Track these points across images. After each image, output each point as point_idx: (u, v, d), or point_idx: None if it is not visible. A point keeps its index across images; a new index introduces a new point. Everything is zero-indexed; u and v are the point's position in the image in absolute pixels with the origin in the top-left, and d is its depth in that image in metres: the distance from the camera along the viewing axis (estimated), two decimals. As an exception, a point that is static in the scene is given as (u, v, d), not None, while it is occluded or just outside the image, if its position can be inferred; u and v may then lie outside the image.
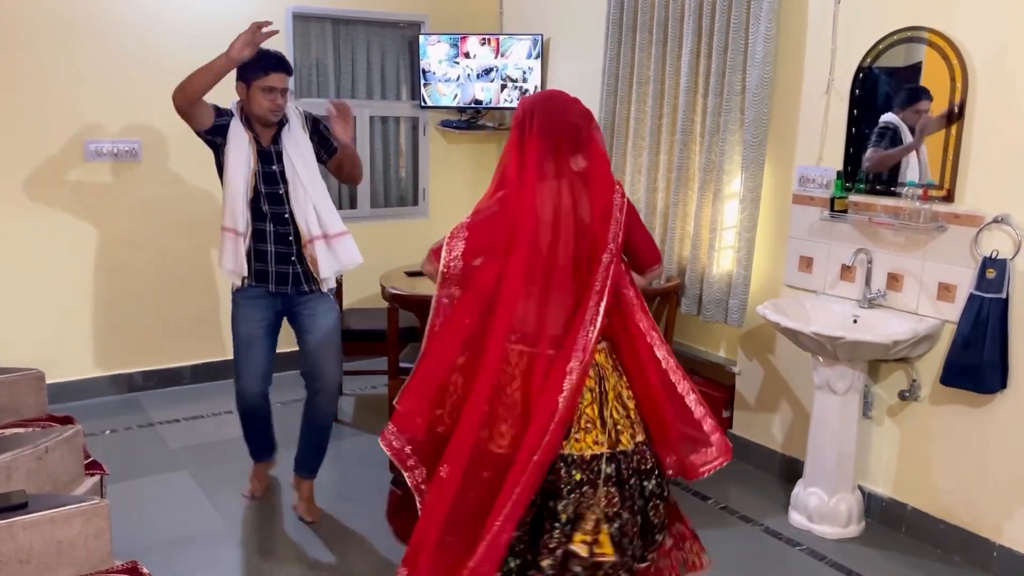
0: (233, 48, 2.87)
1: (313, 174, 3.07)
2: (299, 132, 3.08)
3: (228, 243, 3.05)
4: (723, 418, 3.96)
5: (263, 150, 3.02)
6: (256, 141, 3.02)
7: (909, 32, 3.07)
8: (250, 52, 2.89)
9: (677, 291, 3.95)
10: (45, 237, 4.23)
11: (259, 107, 2.96)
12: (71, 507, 1.99)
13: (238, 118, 3.03)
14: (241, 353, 3.19)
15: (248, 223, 3.04)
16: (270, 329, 3.20)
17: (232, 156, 2.99)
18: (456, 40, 4.99)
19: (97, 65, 4.22)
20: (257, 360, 3.19)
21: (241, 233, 3.02)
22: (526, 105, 2.41)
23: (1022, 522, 2.92)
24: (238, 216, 3.01)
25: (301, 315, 3.17)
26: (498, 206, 2.36)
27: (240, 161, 2.99)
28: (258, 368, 3.20)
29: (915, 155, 3.14)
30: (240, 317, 3.16)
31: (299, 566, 2.98)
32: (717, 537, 3.23)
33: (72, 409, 3.84)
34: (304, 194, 3.02)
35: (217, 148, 3.06)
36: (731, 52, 3.63)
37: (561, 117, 2.38)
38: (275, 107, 2.96)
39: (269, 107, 2.95)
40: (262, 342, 3.18)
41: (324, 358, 3.18)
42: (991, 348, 2.85)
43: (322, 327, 3.16)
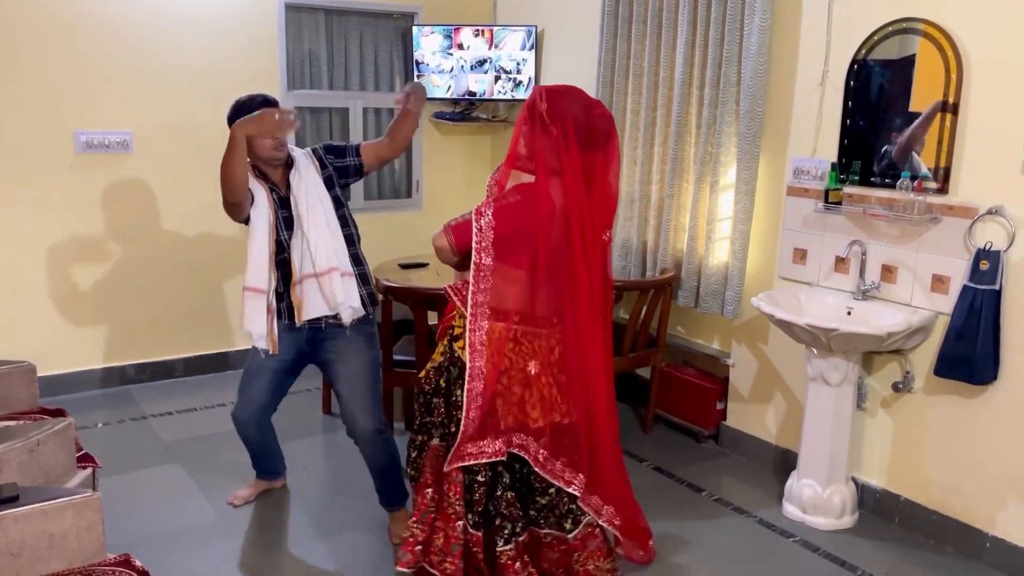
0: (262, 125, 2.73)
1: (318, 213, 2.90)
2: (307, 171, 2.94)
3: (253, 304, 2.86)
4: (717, 410, 3.97)
5: (283, 197, 2.91)
6: (274, 189, 2.91)
7: (904, 23, 3.07)
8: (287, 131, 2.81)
9: (671, 283, 3.95)
10: (36, 228, 4.20)
11: (263, 150, 2.84)
12: (63, 500, 1.99)
13: (251, 173, 2.89)
14: (245, 379, 3.11)
15: (273, 281, 2.89)
16: (286, 365, 3.05)
17: (255, 214, 2.86)
18: (450, 31, 4.97)
19: (89, 56, 4.19)
20: (256, 391, 3.08)
21: (265, 291, 2.86)
22: (550, 97, 2.41)
23: (1015, 513, 2.93)
24: (263, 275, 2.85)
25: (327, 359, 3.01)
26: (522, 195, 2.43)
27: (262, 218, 2.86)
28: (254, 399, 3.10)
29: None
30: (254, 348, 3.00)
31: (293, 558, 2.98)
32: (711, 529, 3.24)
33: (64, 402, 3.83)
34: (303, 235, 2.87)
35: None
36: (726, 43, 3.62)
37: (590, 116, 2.44)
38: (278, 145, 2.85)
39: (272, 145, 2.84)
40: (269, 376, 3.06)
41: (354, 404, 2.96)
42: (984, 340, 2.85)
43: (350, 372, 2.97)
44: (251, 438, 3.23)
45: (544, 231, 2.41)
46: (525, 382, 2.49)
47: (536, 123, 2.40)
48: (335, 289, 2.88)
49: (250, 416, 3.15)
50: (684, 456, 3.89)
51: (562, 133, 2.38)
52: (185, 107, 4.46)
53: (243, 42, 4.58)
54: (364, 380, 2.98)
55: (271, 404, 3.16)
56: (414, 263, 4.29)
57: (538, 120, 2.39)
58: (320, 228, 2.89)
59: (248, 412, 3.14)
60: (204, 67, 4.47)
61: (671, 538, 3.15)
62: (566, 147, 2.38)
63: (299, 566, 2.93)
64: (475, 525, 2.55)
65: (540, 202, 2.40)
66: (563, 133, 2.38)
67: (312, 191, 2.92)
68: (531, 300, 2.47)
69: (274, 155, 2.87)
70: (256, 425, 3.18)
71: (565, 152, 2.39)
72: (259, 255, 2.86)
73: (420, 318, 3.54)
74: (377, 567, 2.92)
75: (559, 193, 2.43)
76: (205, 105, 4.50)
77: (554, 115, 2.38)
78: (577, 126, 2.39)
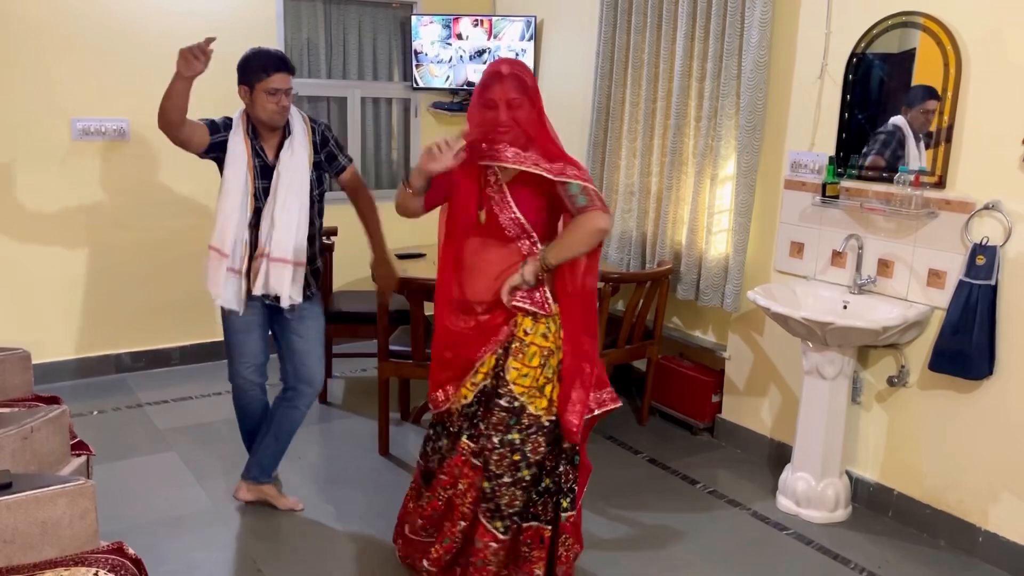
0: (178, 66, 2.69)
1: (292, 201, 2.89)
2: (300, 145, 2.91)
3: (212, 264, 2.90)
4: (713, 403, 3.97)
5: (265, 164, 2.89)
6: (260, 154, 2.89)
7: (904, 17, 3.06)
8: (202, 67, 2.69)
9: (668, 275, 3.94)
10: (32, 215, 4.19)
11: (263, 111, 2.82)
12: (56, 487, 1.98)
13: (241, 129, 2.88)
14: (237, 340, 3.05)
15: (242, 245, 2.89)
16: (264, 320, 3.06)
17: (229, 174, 2.85)
18: (449, 21, 4.95)
19: (86, 42, 4.17)
20: (255, 346, 3.06)
21: (228, 254, 2.87)
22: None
23: (1007, 507, 2.94)
24: (226, 238, 2.86)
25: (286, 318, 3.03)
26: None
27: (237, 181, 2.85)
28: (257, 353, 3.08)
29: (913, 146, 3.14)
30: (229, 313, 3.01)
31: (287, 546, 2.98)
32: (705, 521, 3.24)
33: (59, 389, 3.83)
34: (272, 216, 2.87)
35: (220, 164, 2.91)
36: (727, 36, 3.61)
37: None
38: (280, 109, 2.82)
39: (274, 109, 2.81)
40: (259, 332, 3.06)
41: (311, 359, 3.08)
42: (980, 334, 2.86)
43: (307, 330, 3.06)
44: (257, 410, 3.17)
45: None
46: None
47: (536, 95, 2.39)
48: (283, 280, 2.89)
49: (254, 372, 3.10)
50: (679, 448, 3.90)
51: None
52: (182, 95, 4.44)
53: (242, 30, 4.55)
54: (320, 340, 3.12)
55: (266, 362, 3.15)
56: (411, 253, 4.28)
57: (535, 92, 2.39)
58: (289, 216, 2.88)
59: (253, 368, 3.09)
60: (201, 55, 4.45)
61: (665, 529, 3.16)
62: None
63: (294, 555, 2.93)
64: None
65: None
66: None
67: (297, 174, 2.89)
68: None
69: (275, 119, 2.84)
70: (261, 386, 3.14)
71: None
72: (227, 218, 2.86)
73: (416, 309, 3.53)
74: (372, 555, 2.93)
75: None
76: (201, 92, 4.43)
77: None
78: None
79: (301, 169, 2.91)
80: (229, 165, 2.86)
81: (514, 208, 2.39)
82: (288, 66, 2.84)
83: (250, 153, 2.87)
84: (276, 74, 2.80)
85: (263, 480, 3.20)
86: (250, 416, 3.21)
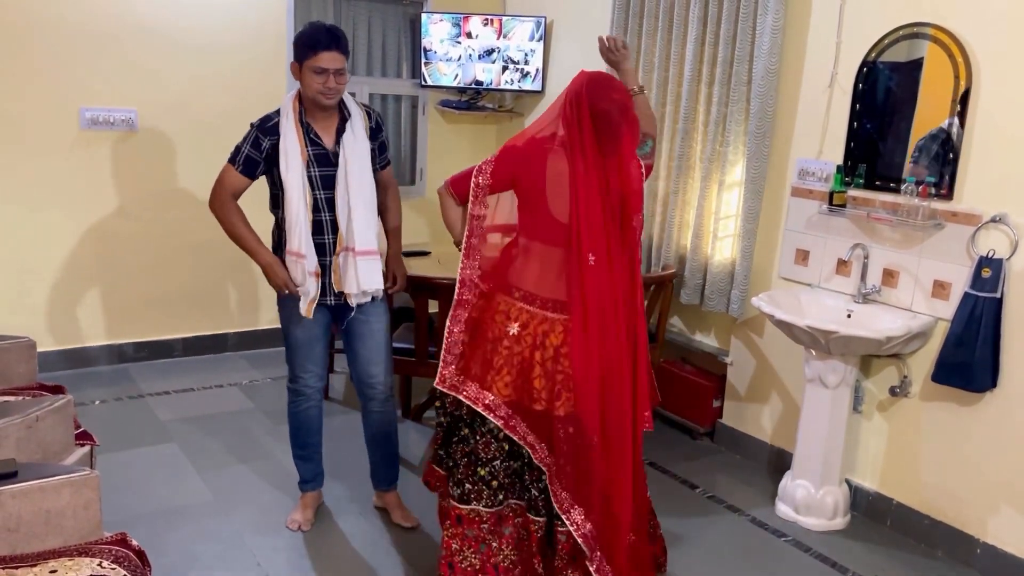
0: (268, 276, 2.83)
1: (365, 186, 2.80)
2: (361, 132, 2.81)
3: (292, 268, 2.78)
4: (713, 408, 3.97)
5: (321, 152, 2.76)
6: (315, 142, 2.75)
7: (914, 28, 3.06)
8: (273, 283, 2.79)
9: (672, 279, 3.95)
10: (38, 205, 4.19)
11: (309, 88, 2.67)
12: (61, 477, 1.99)
13: (292, 117, 2.73)
14: (302, 351, 2.94)
15: (311, 242, 2.78)
16: (326, 328, 2.97)
17: (287, 176, 2.71)
18: (459, 20, 4.96)
19: (95, 33, 4.17)
20: (320, 357, 2.98)
21: (306, 255, 2.75)
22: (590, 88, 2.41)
23: (1006, 520, 2.94)
24: (303, 239, 2.74)
25: (353, 319, 2.92)
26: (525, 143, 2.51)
27: (295, 179, 2.71)
28: (320, 364, 2.99)
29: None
30: (293, 319, 2.88)
31: (288, 539, 2.99)
32: (704, 526, 3.25)
33: (62, 378, 3.84)
34: (348, 206, 2.77)
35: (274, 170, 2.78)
36: (738, 42, 3.61)
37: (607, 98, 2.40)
38: (326, 89, 2.66)
39: (318, 89, 2.66)
40: (323, 341, 2.97)
41: (377, 365, 2.97)
42: (984, 347, 2.86)
43: (373, 332, 2.93)
44: (315, 417, 3.05)
45: (540, 184, 2.38)
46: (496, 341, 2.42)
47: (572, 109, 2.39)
48: (374, 273, 2.83)
49: (318, 381, 3.00)
50: (679, 453, 3.90)
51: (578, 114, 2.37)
52: (191, 87, 4.45)
53: (251, 23, 4.56)
54: (387, 342, 2.99)
55: (326, 370, 3.06)
56: (416, 251, 4.29)
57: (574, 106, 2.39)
58: (365, 204, 2.80)
59: (317, 377, 2.99)
60: (211, 47, 4.46)
61: (664, 534, 3.16)
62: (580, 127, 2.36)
63: (295, 548, 2.94)
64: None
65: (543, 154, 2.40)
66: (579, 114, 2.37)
67: (364, 160, 2.79)
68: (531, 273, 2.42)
69: (319, 100, 2.69)
70: (320, 394, 3.05)
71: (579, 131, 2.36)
72: (296, 220, 2.73)
73: (421, 306, 3.54)
74: (373, 550, 2.93)
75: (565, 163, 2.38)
76: (211, 85, 4.49)
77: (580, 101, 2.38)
78: (593, 109, 2.36)
79: (364, 154, 2.80)
80: (285, 165, 2.71)
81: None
82: (339, 44, 2.67)
83: (303, 143, 2.73)
84: (324, 52, 2.63)
85: (382, 488, 3.18)
86: (306, 426, 3.06)
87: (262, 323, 4.90)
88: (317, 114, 2.76)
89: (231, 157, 2.77)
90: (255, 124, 2.77)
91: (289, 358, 2.99)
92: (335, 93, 2.70)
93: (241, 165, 2.75)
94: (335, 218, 2.79)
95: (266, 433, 3.83)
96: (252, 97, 4.61)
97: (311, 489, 3.16)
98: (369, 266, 2.82)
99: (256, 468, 3.50)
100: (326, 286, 2.84)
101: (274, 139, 2.73)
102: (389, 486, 3.16)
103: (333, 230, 2.81)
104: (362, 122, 2.83)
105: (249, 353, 4.86)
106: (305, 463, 3.12)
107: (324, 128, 2.77)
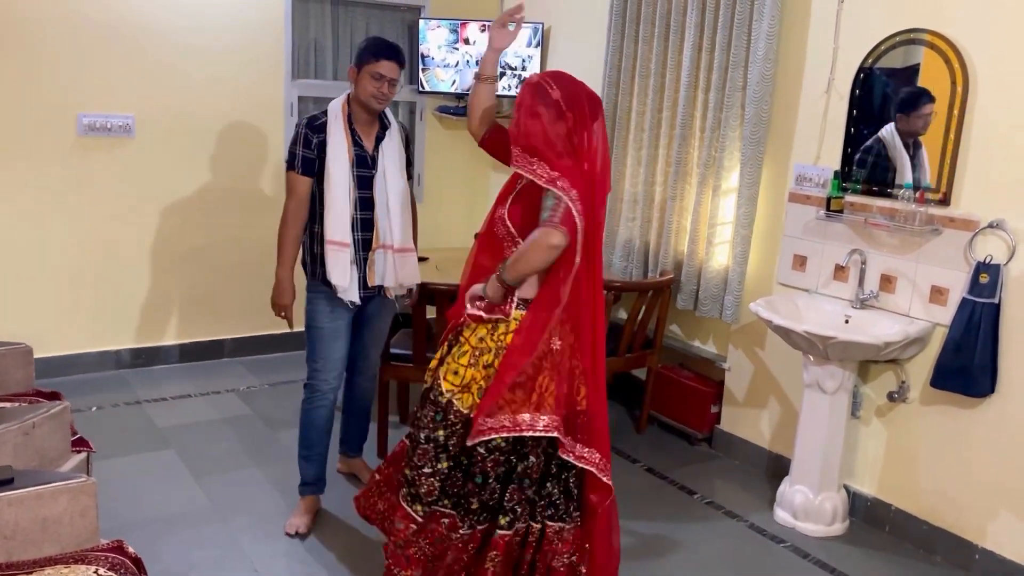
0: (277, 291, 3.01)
1: (400, 188, 3.01)
2: (397, 140, 3.04)
3: (338, 257, 2.91)
4: (712, 413, 3.97)
5: (362, 155, 2.95)
6: (359, 144, 2.94)
7: (911, 34, 3.07)
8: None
9: (670, 285, 3.95)
10: (35, 210, 4.18)
11: (363, 91, 2.89)
12: (58, 484, 1.98)
13: (341, 118, 2.92)
14: (323, 345, 3.03)
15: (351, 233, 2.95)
16: (351, 324, 3.09)
17: (333, 168, 2.88)
18: (456, 26, 4.96)
19: (93, 38, 4.17)
20: (341, 352, 3.07)
21: (349, 244, 2.92)
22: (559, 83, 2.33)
23: (1005, 525, 2.94)
24: (346, 229, 2.91)
25: (368, 313, 3.14)
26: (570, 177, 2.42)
27: (342, 173, 2.89)
28: (341, 360, 3.08)
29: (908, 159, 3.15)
30: (323, 311, 3.01)
31: (286, 546, 2.98)
32: (702, 532, 3.24)
33: (59, 385, 3.81)
34: (387, 205, 2.98)
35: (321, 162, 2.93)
36: (734, 48, 3.62)
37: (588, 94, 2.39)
38: (379, 94, 2.88)
39: (372, 92, 2.87)
40: (345, 336, 3.07)
41: (375, 350, 3.30)
42: (982, 352, 2.86)
43: (380, 326, 3.23)
44: (325, 417, 3.11)
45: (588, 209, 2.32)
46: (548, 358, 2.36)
47: (552, 111, 2.28)
48: (413, 269, 3.07)
49: (337, 380, 3.09)
50: (677, 458, 3.90)
51: (579, 118, 2.29)
52: (188, 93, 4.44)
53: (249, 29, 4.57)
54: (385, 332, 3.33)
55: (344, 372, 3.16)
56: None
57: (554, 108, 2.28)
58: (402, 203, 3.01)
59: (336, 375, 3.08)
60: (209, 52, 4.46)
61: (662, 540, 3.16)
62: (585, 130, 2.30)
63: (293, 554, 2.93)
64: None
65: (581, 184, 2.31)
66: (579, 117, 2.29)
67: (399, 164, 3.02)
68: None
69: (371, 103, 2.90)
70: (335, 395, 3.13)
71: (587, 134, 2.30)
72: (341, 211, 2.90)
73: (419, 312, 3.54)
74: (369, 555, 2.93)
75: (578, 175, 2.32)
76: (208, 91, 4.49)
77: (570, 101, 2.29)
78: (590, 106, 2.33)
79: (401, 160, 3.03)
80: (332, 158, 2.89)
81: (506, 208, 2.39)
82: (398, 57, 2.92)
83: (350, 142, 2.93)
84: (384, 61, 2.87)
85: (353, 453, 3.46)
86: (317, 426, 3.12)
87: (259, 329, 4.89)
88: (362, 119, 2.96)
89: (289, 164, 2.93)
90: (303, 123, 2.93)
91: (311, 354, 3.08)
92: (386, 100, 2.92)
93: (300, 168, 2.91)
94: (369, 218, 2.98)
95: (264, 439, 3.82)
96: (250, 103, 4.62)
97: (311, 493, 3.17)
98: (408, 262, 3.06)
99: (254, 474, 3.49)
100: (360, 281, 3.00)
101: (322, 136, 2.90)
102: (358, 451, 3.45)
103: (364, 228, 2.98)
104: (398, 133, 3.07)
105: (247, 359, 4.85)
106: (309, 464, 3.15)
107: (366, 133, 2.98)
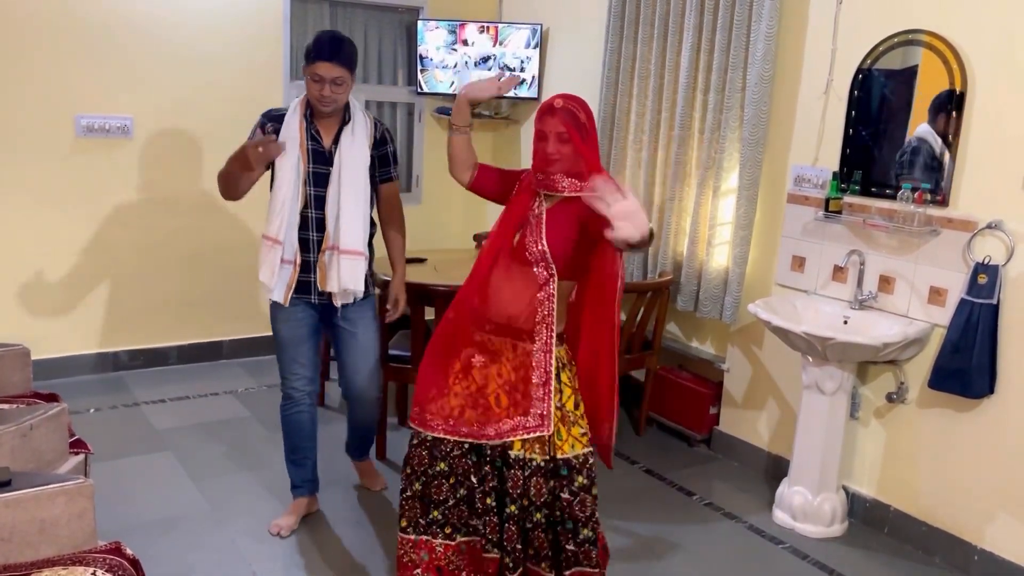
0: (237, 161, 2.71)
1: (358, 188, 2.85)
2: (361, 136, 2.87)
3: (268, 254, 2.82)
4: (711, 414, 3.97)
5: (319, 149, 2.84)
6: (315, 138, 2.84)
7: (909, 35, 3.07)
8: (255, 168, 2.69)
9: (669, 286, 3.95)
10: (33, 212, 4.18)
11: (309, 93, 2.79)
12: (55, 486, 1.97)
13: (299, 112, 2.83)
14: (289, 351, 2.96)
15: (294, 232, 2.82)
16: (313, 329, 2.99)
17: (281, 162, 2.79)
18: (455, 27, 4.96)
19: (91, 40, 4.17)
20: (309, 356, 2.99)
21: (283, 243, 2.81)
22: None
23: (1004, 526, 2.94)
24: (283, 225, 2.79)
25: (339, 327, 2.98)
26: None
27: (290, 169, 2.78)
28: (310, 364, 3.00)
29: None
30: (280, 318, 2.94)
31: (284, 548, 2.97)
32: (701, 533, 3.24)
33: (56, 387, 3.81)
34: (338, 204, 2.82)
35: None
36: (732, 49, 3.62)
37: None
38: (321, 97, 2.74)
39: (315, 96, 2.75)
40: (310, 341, 2.98)
41: (361, 375, 3.03)
42: (981, 353, 2.86)
43: (359, 343, 2.99)
44: (305, 421, 3.04)
45: None
46: None
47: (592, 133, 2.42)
48: (357, 273, 2.87)
49: (308, 384, 3.01)
50: (676, 459, 3.90)
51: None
52: (187, 94, 4.44)
53: (247, 30, 4.57)
54: (373, 352, 3.05)
55: (318, 371, 3.08)
56: (412, 258, 4.27)
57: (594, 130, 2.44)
58: (355, 204, 2.84)
59: (307, 380, 3.00)
60: (207, 54, 4.46)
61: (660, 541, 3.15)
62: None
63: (291, 556, 2.93)
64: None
65: None
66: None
67: (359, 161, 2.86)
68: None
69: (316, 105, 2.78)
70: (312, 398, 3.04)
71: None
72: (282, 206, 2.79)
73: (417, 314, 3.53)
74: (369, 559, 2.92)
75: None
76: (206, 93, 4.49)
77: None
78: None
79: (362, 157, 2.87)
80: (282, 155, 2.80)
81: (542, 232, 2.36)
82: (337, 57, 2.73)
83: (304, 135, 2.82)
84: (320, 62, 2.72)
85: (355, 458, 3.45)
86: (297, 429, 3.06)
87: (257, 330, 4.88)
88: (321, 114, 2.85)
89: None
90: (264, 113, 2.90)
91: (278, 361, 3.04)
92: (330, 102, 2.78)
93: None
94: (323, 216, 2.86)
95: (262, 441, 3.81)
96: (248, 104, 4.58)
97: (302, 495, 3.17)
98: (352, 265, 2.86)
99: (252, 476, 3.49)
100: (311, 285, 2.90)
101: (277, 126, 2.83)
102: (362, 457, 3.44)
103: (319, 228, 2.87)
104: (365, 129, 2.90)
105: (244, 361, 4.84)
106: (296, 468, 3.14)
107: (326, 128, 2.87)
